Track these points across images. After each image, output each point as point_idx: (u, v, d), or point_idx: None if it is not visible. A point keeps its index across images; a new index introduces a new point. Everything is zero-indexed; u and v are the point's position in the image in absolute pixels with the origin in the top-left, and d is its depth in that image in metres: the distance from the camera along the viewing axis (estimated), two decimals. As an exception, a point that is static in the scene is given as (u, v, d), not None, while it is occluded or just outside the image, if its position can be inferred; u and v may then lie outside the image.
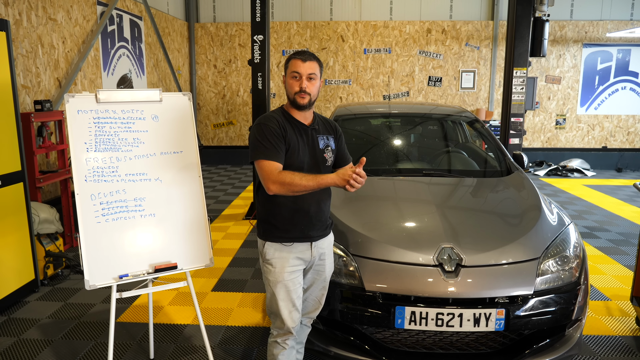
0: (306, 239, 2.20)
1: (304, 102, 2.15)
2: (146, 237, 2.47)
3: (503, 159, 3.69)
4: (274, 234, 2.19)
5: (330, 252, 2.33)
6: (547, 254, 2.47)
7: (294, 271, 2.19)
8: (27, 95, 4.91)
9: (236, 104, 10.41)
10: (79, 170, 2.35)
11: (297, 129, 2.19)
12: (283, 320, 2.18)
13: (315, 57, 2.19)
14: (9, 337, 3.14)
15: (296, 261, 2.20)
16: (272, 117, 2.17)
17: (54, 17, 5.39)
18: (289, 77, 2.18)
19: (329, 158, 2.26)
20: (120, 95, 2.49)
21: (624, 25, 9.73)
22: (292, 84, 2.16)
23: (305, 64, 2.14)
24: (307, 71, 2.14)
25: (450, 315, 2.26)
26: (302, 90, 2.14)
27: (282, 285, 2.17)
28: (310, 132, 2.22)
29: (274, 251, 2.19)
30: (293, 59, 2.17)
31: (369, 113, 4.44)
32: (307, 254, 2.22)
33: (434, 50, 10.00)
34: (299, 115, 2.21)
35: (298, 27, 10.01)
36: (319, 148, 2.23)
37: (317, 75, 2.17)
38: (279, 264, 2.18)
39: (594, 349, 3.01)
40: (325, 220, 2.27)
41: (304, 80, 2.14)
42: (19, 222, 3.62)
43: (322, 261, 2.28)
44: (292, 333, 2.21)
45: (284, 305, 2.17)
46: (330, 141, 2.28)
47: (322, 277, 2.30)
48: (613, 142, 10.22)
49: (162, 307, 3.58)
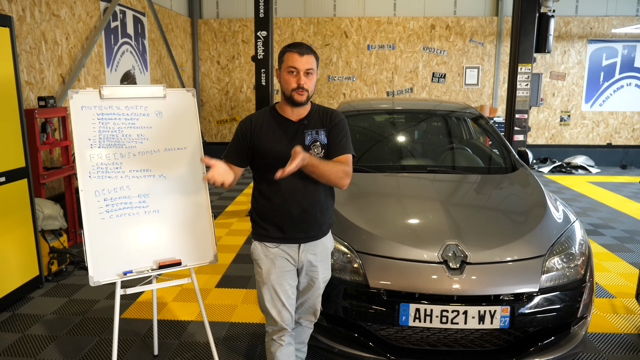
0: (291, 240, 2.12)
1: (302, 99, 2.03)
2: (150, 233, 2.47)
3: (508, 155, 3.67)
4: (259, 232, 2.15)
5: (325, 259, 2.25)
6: (552, 251, 2.45)
7: (282, 273, 2.12)
8: (30, 92, 4.91)
9: (239, 100, 10.40)
10: (83, 167, 2.34)
11: (280, 126, 2.10)
12: (273, 318, 2.15)
13: (311, 49, 2.06)
14: (14, 333, 3.15)
15: (283, 262, 2.13)
16: (249, 118, 2.16)
17: (58, 13, 5.39)
18: (284, 71, 2.03)
19: (317, 154, 2.11)
20: (124, 91, 2.48)
21: (630, 21, 9.65)
22: (289, 80, 2.02)
23: (302, 58, 1.99)
24: (304, 66, 2.00)
25: (455, 313, 2.25)
26: (300, 87, 2.01)
27: (268, 287, 2.13)
28: (297, 127, 2.11)
29: (260, 252, 2.15)
30: (289, 52, 2.01)
31: (372, 109, 4.43)
32: (295, 256, 2.14)
33: (438, 46, 9.96)
34: (289, 113, 2.11)
35: (301, 23, 9.97)
36: (304, 145, 2.09)
37: (314, 70, 2.04)
38: (265, 265, 2.13)
39: (599, 347, 3.00)
40: (312, 222, 2.14)
41: (301, 76, 2.00)
42: (23, 219, 3.63)
43: (315, 267, 2.19)
44: (286, 329, 2.17)
45: (271, 305, 2.14)
46: (320, 135, 2.13)
47: (315, 284, 2.22)
48: (618, 138, 10.16)
49: (166, 304, 3.58)
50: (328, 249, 2.26)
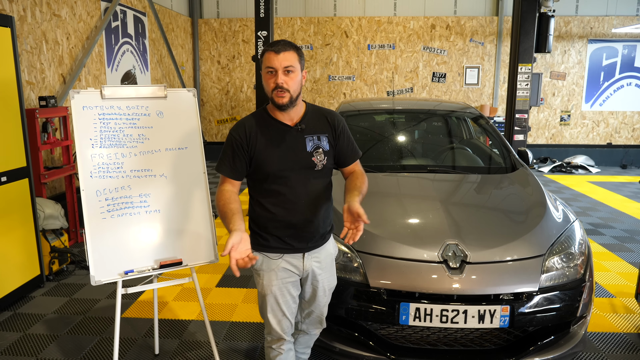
0: (294, 250, 2.04)
1: (283, 101, 1.88)
2: (151, 233, 2.48)
3: (508, 155, 3.68)
4: (261, 243, 2.05)
5: (330, 266, 2.19)
6: (552, 251, 2.46)
7: (285, 284, 2.05)
8: (31, 91, 4.92)
9: (240, 100, 10.40)
10: (84, 167, 2.35)
11: (276, 132, 1.97)
12: (272, 327, 2.11)
13: (292, 45, 1.89)
14: (15, 332, 3.16)
15: (285, 273, 2.05)
16: (242, 124, 1.99)
17: (58, 13, 5.39)
18: (264, 72, 1.91)
19: (320, 162, 2.00)
20: (125, 91, 2.49)
21: (630, 21, 9.66)
22: (268, 81, 1.89)
23: (279, 55, 1.85)
24: (282, 64, 1.85)
25: (455, 312, 2.26)
26: (278, 87, 1.86)
27: (269, 297, 2.06)
28: (295, 133, 1.98)
29: (261, 262, 2.05)
30: (266, 52, 1.89)
31: (372, 109, 4.43)
32: (299, 265, 2.06)
33: (438, 46, 9.96)
34: (281, 116, 1.98)
35: (302, 23, 9.98)
36: (305, 151, 1.98)
37: (295, 68, 1.88)
38: (266, 276, 2.04)
39: (599, 346, 3.00)
40: (315, 231, 2.06)
41: (279, 74, 1.85)
42: (24, 218, 3.64)
43: (319, 275, 2.12)
44: (284, 339, 2.13)
45: (272, 316, 2.09)
46: (322, 141, 2.02)
47: (321, 293, 2.16)
48: (618, 138, 10.16)
49: (167, 303, 3.59)
50: (332, 255, 2.20)
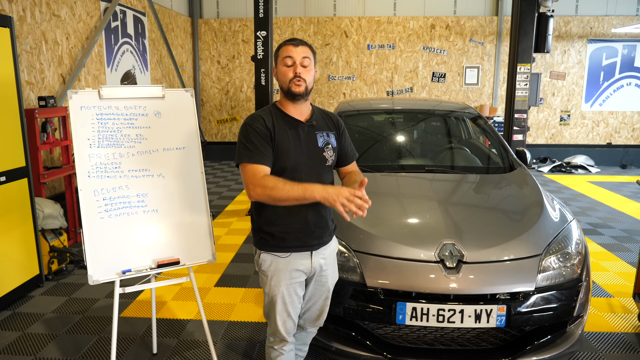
0: (305, 248, 2.04)
1: (300, 89, 1.96)
2: (149, 232, 2.48)
3: (506, 155, 3.68)
4: (270, 243, 2.03)
5: (333, 261, 2.21)
6: (548, 251, 2.46)
7: (292, 284, 2.05)
8: (31, 92, 4.93)
9: (239, 100, 10.41)
10: (82, 166, 2.36)
11: (290, 127, 2.01)
12: (277, 328, 2.11)
13: (307, 43, 2.02)
14: (14, 332, 3.17)
15: (294, 273, 2.05)
16: (258, 116, 2.00)
17: (58, 13, 5.40)
18: (280, 64, 1.99)
19: (330, 157, 2.07)
20: (122, 91, 2.50)
21: (630, 20, 9.65)
22: (286, 71, 1.97)
23: (297, 48, 1.96)
24: (300, 55, 1.96)
25: (452, 311, 2.27)
26: (297, 76, 1.95)
27: (277, 298, 2.05)
28: (307, 128, 2.04)
29: (270, 263, 2.04)
30: (284, 46, 1.99)
31: (372, 109, 4.44)
32: (307, 264, 2.06)
33: (438, 46, 9.96)
34: (293, 111, 2.03)
35: (301, 23, 9.99)
36: (317, 146, 2.04)
37: (311, 62, 1.99)
38: (275, 277, 2.03)
39: (596, 346, 3.01)
40: (325, 227, 2.09)
41: (297, 65, 1.95)
42: (23, 218, 3.65)
43: (325, 271, 2.14)
44: (287, 341, 2.14)
45: (278, 317, 2.08)
46: (331, 138, 2.09)
47: (324, 288, 2.17)
48: (618, 138, 10.16)
49: (165, 302, 3.60)
50: (334, 251, 2.23)
